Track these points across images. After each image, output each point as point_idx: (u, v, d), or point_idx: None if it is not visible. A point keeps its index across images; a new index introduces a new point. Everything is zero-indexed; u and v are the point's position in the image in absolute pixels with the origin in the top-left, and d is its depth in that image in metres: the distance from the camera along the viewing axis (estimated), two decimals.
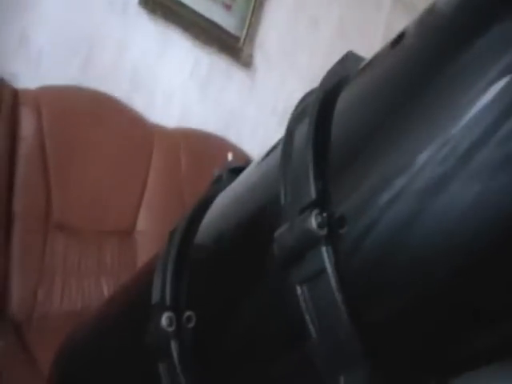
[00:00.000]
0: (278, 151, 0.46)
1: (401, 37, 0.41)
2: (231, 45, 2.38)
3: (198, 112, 2.36)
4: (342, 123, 0.42)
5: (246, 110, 2.53)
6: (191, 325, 0.49)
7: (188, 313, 0.49)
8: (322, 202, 0.38)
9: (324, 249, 0.37)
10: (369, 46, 0.46)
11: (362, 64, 0.47)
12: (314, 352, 0.38)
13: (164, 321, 0.49)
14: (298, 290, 0.38)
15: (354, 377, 0.37)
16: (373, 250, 0.37)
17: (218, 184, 0.59)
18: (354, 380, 0.36)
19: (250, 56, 2.47)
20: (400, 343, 0.37)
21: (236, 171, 0.58)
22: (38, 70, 1.90)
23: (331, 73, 0.47)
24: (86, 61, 2.00)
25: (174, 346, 0.49)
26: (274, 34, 2.54)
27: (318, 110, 0.43)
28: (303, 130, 0.42)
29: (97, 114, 1.96)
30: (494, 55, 0.32)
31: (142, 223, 2.03)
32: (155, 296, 0.52)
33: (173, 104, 2.29)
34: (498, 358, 0.37)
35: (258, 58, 2.52)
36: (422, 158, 0.34)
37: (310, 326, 0.38)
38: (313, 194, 0.39)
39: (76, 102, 1.93)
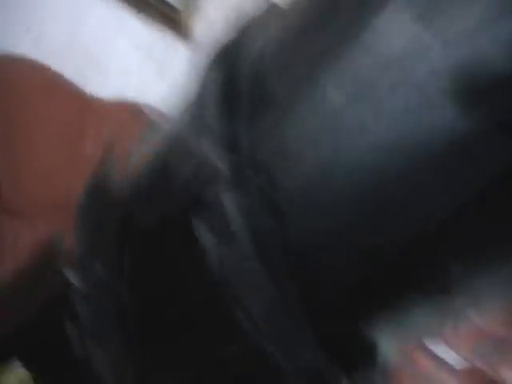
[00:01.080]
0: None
1: None
2: (173, 18, 2.34)
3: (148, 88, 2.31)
4: (255, 63, 0.39)
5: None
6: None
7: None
8: (231, 145, 0.35)
9: (231, 195, 0.34)
10: None
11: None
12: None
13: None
14: (207, 243, 0.35)
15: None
16: (289, 198, 0.34)
17: None
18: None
19: (191, 29, 2.43)
20: (321, 289, 0.35)
21: None
22: None
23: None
24: (37, 37, 1.92)
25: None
26: (220, 3, 2.49)
27: (225, 56, 0.40)
28: (213, 74, 0.39)
29: (44, 91, 1.87)
30: None
31: None
32: None
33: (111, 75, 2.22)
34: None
35: (203, 31, 2.48)
36: (336, 99, 0.32)
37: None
38: (223, 136, 0.36)
39: (20, 78, 1.83)
